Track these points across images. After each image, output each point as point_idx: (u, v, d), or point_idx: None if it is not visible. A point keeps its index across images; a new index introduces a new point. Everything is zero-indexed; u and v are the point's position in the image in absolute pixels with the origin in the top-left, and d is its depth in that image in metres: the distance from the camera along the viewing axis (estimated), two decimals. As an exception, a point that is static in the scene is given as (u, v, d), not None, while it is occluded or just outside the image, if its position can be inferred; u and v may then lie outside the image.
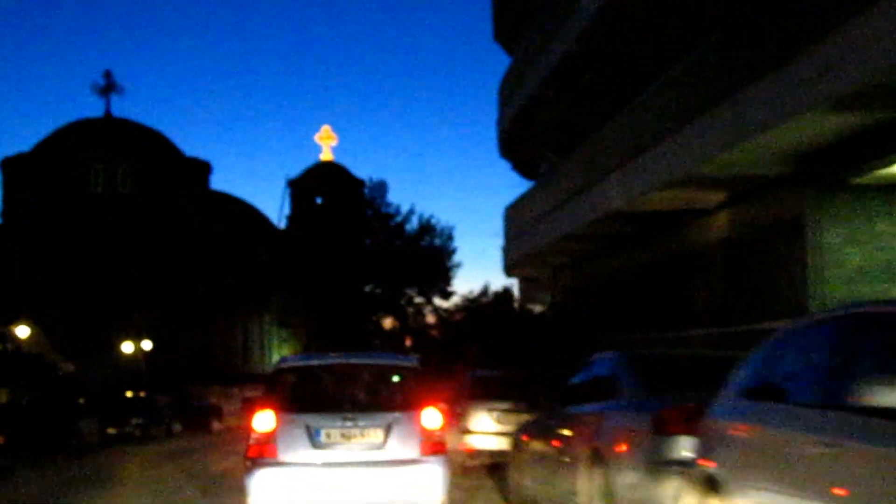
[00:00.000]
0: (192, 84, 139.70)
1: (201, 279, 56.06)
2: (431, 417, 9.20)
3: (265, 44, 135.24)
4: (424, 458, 9.06)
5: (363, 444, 9.05)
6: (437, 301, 67.17)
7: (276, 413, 9.13)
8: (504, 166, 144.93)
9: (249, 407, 16.84)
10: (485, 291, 66.76)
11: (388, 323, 68.60)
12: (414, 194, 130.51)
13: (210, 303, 55.67)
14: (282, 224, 67.44)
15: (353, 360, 10.34)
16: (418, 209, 68.56)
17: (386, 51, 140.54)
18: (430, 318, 67.54)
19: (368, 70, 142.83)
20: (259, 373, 57.98)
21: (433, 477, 9.06)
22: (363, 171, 72.51)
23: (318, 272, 62.37)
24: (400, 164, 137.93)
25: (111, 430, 30.93)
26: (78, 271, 53.24)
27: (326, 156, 71.67)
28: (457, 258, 67.34)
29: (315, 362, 10.49)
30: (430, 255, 65.08)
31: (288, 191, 70.07)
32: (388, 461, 9.00)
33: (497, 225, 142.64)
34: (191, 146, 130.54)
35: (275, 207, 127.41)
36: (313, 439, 9.01)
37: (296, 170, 77.56)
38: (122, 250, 55.80)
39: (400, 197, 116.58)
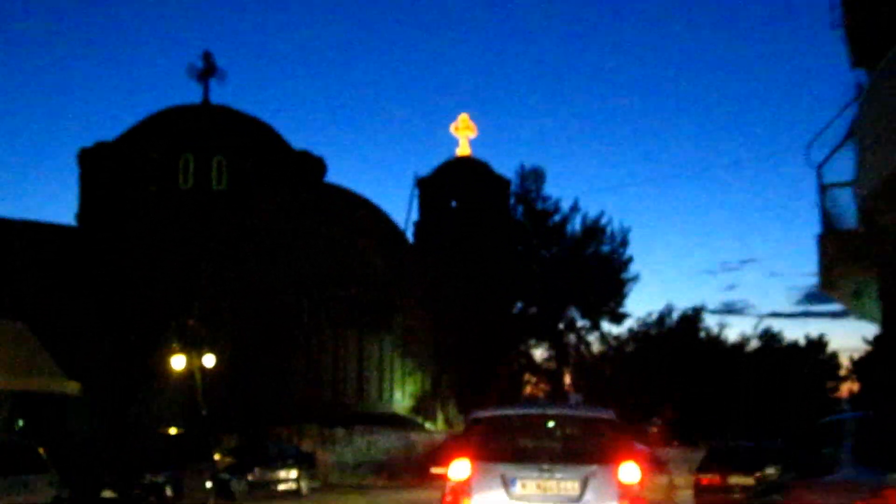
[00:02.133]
0: (305, 70, 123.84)
1: (304, 289, 43.64)
2: (630, 472, 9.11)
3: (383, 25, 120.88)
4: None
5: (559, 496, 9.09)
6: (606, 326, 52.49)
7: (472, 462, 9.37)
8: (690, 173, 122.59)
9: (447, 456, 12.73)
10: (666, 314, 52.44)
11: (539, 354, 54.29)
12: (575, 194, 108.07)
13: (315, 317, 43.15)
14: (409, 230, 54.53)
15: (550, 411, 10.37)
16: (583, 207, 53.08)
17: (527, 24, 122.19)
18: (597, 348, 52.98)
19: (507, 50, 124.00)
20: (377, 412, 44.96)
21: None
22: (506, 168, 58.65)
23: (453, 288, 49.10)
24: (554, 160, 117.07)
25: (108, 494, 17.88)
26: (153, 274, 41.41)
27: (464, 150, 59.09)
28: (633, 270, 52.59)
29: (510, 412, 10.35)
30: (598, 266, 50.46)
31: (416, 191, 57.59)
32: None
33: (677, 237, 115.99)
34: (303, 139, 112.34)
35: (400, 211, 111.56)
36: (508, 489, 9.17)
37: (426, 167, 64.72)
38: (208, 252, 43.98)
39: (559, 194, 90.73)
